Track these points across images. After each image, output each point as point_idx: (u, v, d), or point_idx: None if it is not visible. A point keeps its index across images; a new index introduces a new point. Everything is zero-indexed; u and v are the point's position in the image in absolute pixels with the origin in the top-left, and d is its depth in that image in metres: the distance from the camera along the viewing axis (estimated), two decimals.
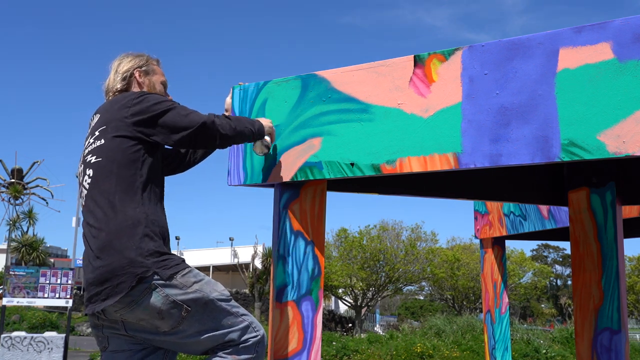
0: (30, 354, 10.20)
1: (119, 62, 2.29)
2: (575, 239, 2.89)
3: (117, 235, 1.94)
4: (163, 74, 2.38)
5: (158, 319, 1.95)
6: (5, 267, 11.55)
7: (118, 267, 1.91)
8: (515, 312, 45.15)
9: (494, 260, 4.58)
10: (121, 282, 1.91)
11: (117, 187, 1.99)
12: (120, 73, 2.25)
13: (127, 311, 1.94)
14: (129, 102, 2.06)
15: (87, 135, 2.22)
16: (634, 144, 1.71)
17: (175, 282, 1.96)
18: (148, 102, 2.06)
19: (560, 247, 61.29)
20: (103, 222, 1.97)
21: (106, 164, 2.02)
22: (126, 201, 1.99)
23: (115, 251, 1.93)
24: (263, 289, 27.06)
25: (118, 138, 2.03)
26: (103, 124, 2.09)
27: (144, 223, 1.98)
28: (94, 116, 2.20)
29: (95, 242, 1.97)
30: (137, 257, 1.93)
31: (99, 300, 1.95)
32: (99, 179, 2.02)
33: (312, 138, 2.27)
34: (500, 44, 1.96)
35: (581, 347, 2.82)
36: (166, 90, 2.37)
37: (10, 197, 36.66)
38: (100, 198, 2.00)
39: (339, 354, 13.56)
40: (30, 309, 21.38)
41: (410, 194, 2.80)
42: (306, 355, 2.27)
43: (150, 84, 2.29)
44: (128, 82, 2.25)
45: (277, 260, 2.32)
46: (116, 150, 2.02)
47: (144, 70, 2.29)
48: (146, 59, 2.32)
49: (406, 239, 28.87)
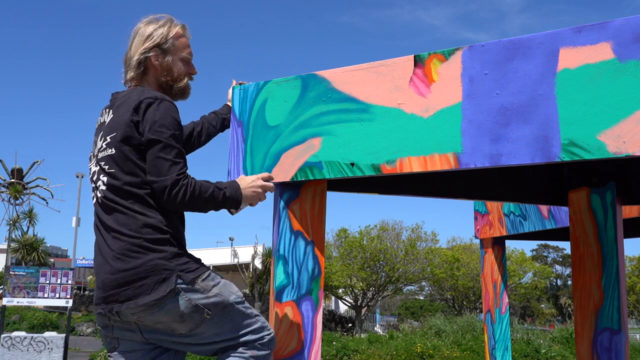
0: (30, 354, 10.20)
1: (139, 37, 2.15)
2: (575, 239, 2.89)
3: (140, 239, 1.92)
4: (187, 44, 2.24)
5: (178, 322, 1.94)
6: (5, 267, 11.55)
7: (142, 270, 1.90)
8: (515, 312, 45.14)
9: (494, 260, 4.58)
10: (144, 285, 1.89)
11: (136, 197, 1.97)
12: (136, 55, 2.13)
13: (148, 314, 1.92)
14: (137, 107, 1.99)
15: (98, 125, 2.15)
16: (634, 144, 1.71)
17: (197, 286, 1.95)
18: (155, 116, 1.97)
19: (560, 247, 61.31)
20: (125, 226, 1.94)
21: (119, 174, 1.98)
22: (147, 207, 1.97)
23: (138, 254, 1.91)
24: (263, 289, 27.05)
25: (127, 147, 1.98)
26: (114, 129, 2.02)
27: (164, 229, 1.97)
28: (108, 110, 2.13)
29: (116, 244, 1.94)
30: (160, 260, 1.91)
31: (117, 302, 1.92)
32: (114, 187, 1.99)
33: (312, 138, 2.27)
34: (500, 43, 1.96)
35: (581, 347, 2.82)
36: (189, 62, 2.25)
37: (10, 197, 36.67)
38: (119, 203, 1.97)
39: (339, 354, 13.56)
40: (30, 309, 21.38)
41: (410, 194, 2.80)
42: (306, 355, 2.27)
43: (167, 66, 2.17)
44: (145, 66, 2.15)
45: (277, 260, 2.32)
46: (128, 159, 1.98)
47: (162, 51, 2.16)
48: (167, 31, 2.17)
49: (406, 239, 28.86)
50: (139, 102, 1.98)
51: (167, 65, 2.17)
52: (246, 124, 2.44)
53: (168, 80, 2.20)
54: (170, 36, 2.17)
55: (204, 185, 2.00)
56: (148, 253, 1.92)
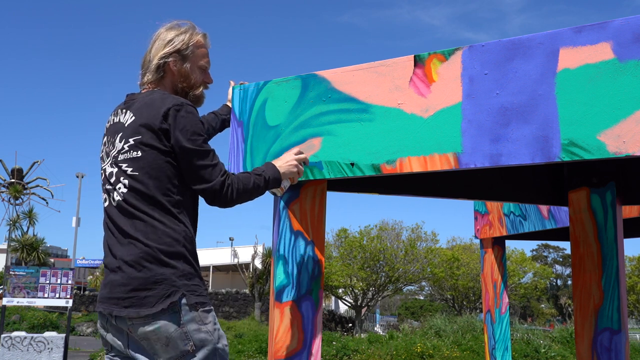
0: (30, 354, 10.20)
1: (160, 41, 2.16)
2: (575, 239, 2.89)
3: (155, 250, 1.90)
4: (206, 53, 2.25)
5: (162, 344, 1.90)
6: (5, 267, 11.55)
7: (150, 282, 1.88)
8: (515, 312, 45.15)
9: (494, 260, 4.58)
10: (148, 297, 1.88)
11: (158, 204, 1.95)
12: (156, 59, 2.13)
13: (141, 325, 1.90)
14: (165, 113, 1.97)
15: (112, 125, 2.12)
16: (634, 144, 1.71)
17: (195, 313, 1.92)
18: (185, 124, 1.97)
19: (560, 247, 61.32)
20: (142, 234, 1.93)
21: (144, 179, 1.96)
22: (167, 217, 1.95)
23: (151, 264, 1.90)
24: (263, 289, 27.06)
25: (154, 151, 1.96)
26: (138, 132, 2.00)
27: (182, 241, 1.95)
28: (124, 110, 2.09)
29: (130, 250, 1.92)
30: (171, 276, 1.90)
31: (121, 306, 1.91)
32: (138, 191, 1.96)
33: (312, 138, 2.27)
34: (500, 43, 1.96)
35: (581, 347, 2.82)
36: (206, 71, 2.25)
37: (10, 197, 36.66)
38: (140, 209, 1.95)
39: (339, 354, 13.56)
40: (30, 309, 21.38)
41: (410, 194, 2.80)
42: (306, 355, 2.27)
43: (184, 73, 2.17)
44: (164, 71, 2.15)
45: (277, 260, 2.32)
46: (154, 165, 1.96)
47: (181, 57, 2.16)
48: (188, 38, 2.18)
49: (406, 239, 28.87)
50: (167, 109, 1.97)
51: (185, 71, 2.18)
52: (246, 124, 2.44)
53: (184, 86, 2.19)
54: (191, 43, 2.18)
55: (245, 178, 2.05)
56: (160, 266, 1.90)
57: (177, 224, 1.96)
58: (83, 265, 44.12)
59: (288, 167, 2.17)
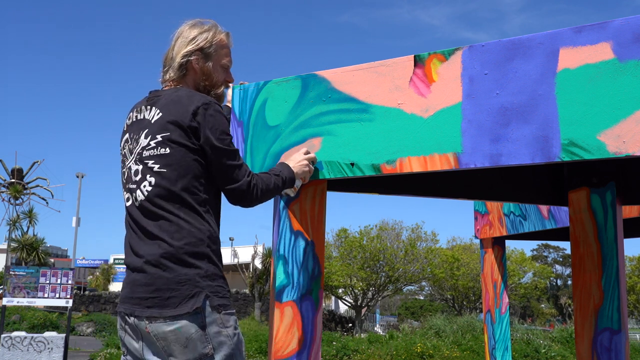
0: (30, 354, 10.20)
1: (182, 39, 2.15)
2: (575, 239, 2.89)
3: (180, 250, 1.88)
4: (228, 52, 2.24)
5: (180, 346, 1.86)
6: (5, 267, 11.55)
7: (174, 282, 1.86)
8: (515, 312, 45.16)
9: (494, 260, 4.58)
10: (172, 297, 1.86)
11: (184, 202, 1.93)
12: (178, 56, 2.12)
13: (161, 325, 1.87)
14: (195, 111, 1.95)
15: (135, 121, 2.09)
16: (634, 144, 1.71)
17: (218, 315, 1.90)
18: (214, 123, 1.96)
19: (560, 247, 61.36)
20: (167, 234, 1.90)
21: (171, 176, 1.94)
22: (192, 216, 1.93)
23: (175, 265, 1.88)
24: (263, 289, 27.07)
25: (182, 149, 1.95)
26: (165, 128, 1.97)
27: (206, 241, 1.93)
28: (148, 107, 2.07)
29: (154, 250, 1.90)
30: (194, 276, 1.88)
31: (143, 306, 1.89)
32: (164, 189, 1.94)
33: (312, 138, 2.27)
34: (500, 43, 1.96)
35: (581, 347, 2.82)
36: (228, 70, 2.24)
37: (10, 197, 36.68)
38: (165, 208, 1.93)
39: (339, 354, 13.57)
40: (30, 309, 21.37)
41: (410, 194, 2.80)
42: (306, 355, 2.27)
43: (207, 71, 2.17)
44: (186, 69, 2.14)
45: (277, 260, 2.32)
46: (182, 163, 1.94)
47: (204, 55, 2.15)
48: (212, 37, 2.17)
49: (406, 239, 28.89)
50: (197, 107, 1.97)
51: (208, 70, 2.17)
52: (246, 124, 2.44)
53: (206, 85, 2.19)
54: (214, 42, 2.18)
55: (266, 178, 2.09)
56: (184, 266, 1.88)
57: (202, 223, 1.94)
58: (83, 265, 44.14)
59: (300, 167, 2.19)
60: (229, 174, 1.99)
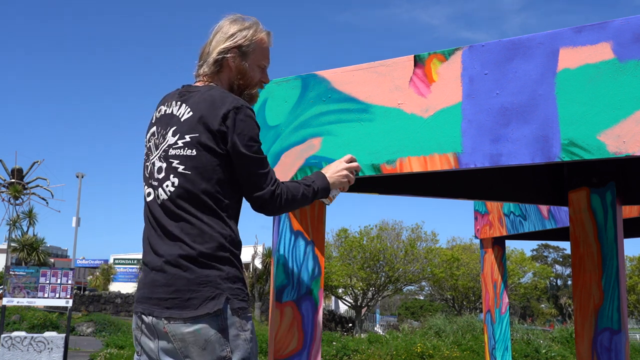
0: (30, 354, 10.20)
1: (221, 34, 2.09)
2: (575, 239, 2.89)
3: (202, 253, 1.86)
4: (267, 52, 2.17)
5: (198, 348, 1.83)
6: (5, 267, 11.55)
7: (195, 283, 1.84)
8: (515, 312, 45.17)
9: (494, 260, 4.58)
10: (192, 299, 1.83)
11: (206, 206, 1.90)
12: (215, 52, 2.07)
13: (180, 326, 1.84)
14: (225, 115, 1.91)
15: (163, 115, 2.05)
16: (634, 144, 1.71)
17: (236, 318, 1.87)
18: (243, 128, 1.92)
19: (560, 247, 61.36)
20: (189, 237, 1.87)
21: (195, 179, 1.90)
22: (215, 221, 1.90)
23: (196, 266, 1.85)
24: (263, 289, 27.07)
25: (209, 152, 1.91)
26: (194, 129, 1.93)
27: (228, 246, 1.91)
28: (179, 103, 2.03)
29: (174, 251, 1.87)
30: (216, 278, 1.85)
31: (163, 307, 1.86)
32: (187, 192, 1.91)
33: (312, 138, 2.27)
34: (500, 43, 1.96)
35: (581, 347, 2.82)
36: (265, 70, 2.18)
37: (10, 197, 36.69)
38: (188, 210, 1.90)
39: (339, 354, 13.57)
40: (30, 309, 21.37)
41: (410, 194, 2.80)
42: (306, 355, 2.27)
43: (242, 70, 2.10)
44: (221, 65, 2.08)
45: (277, 260, 2.32)
46: (207, 166, 1.91)
47: (241, 53, 2.09)
48: (251, 35, 2.11)
49: (406, 239, 28.90)
50: (228, 110, 1.92)
51: (243, 69, 2.11)
52: None
53: (240, 84, 2.12)
54: (253, 40, 2.11)
55: (294, 188, 2.02)
56: (206, 268, 1.86)
57: (224, 227, 1.91)
58: (83, 265, 44.16)
59: (338, 178, 2.13)
60: (254, 181, 1.95)
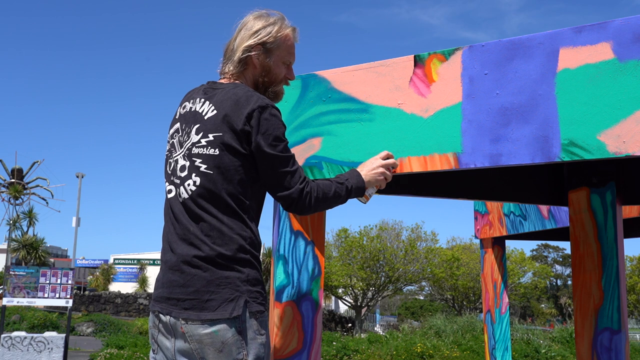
0: (30, 354, 10.20)
1: (245, 30, 2.05)
2: (575, 239, 2.89)
3: (221, 254, 1.84)
4: (293, 48, 2.12)
5: (215, 350, 1.82)
6: (5, 267, 11.56)
7: (214, 284, 1.82)
8: (515, 312, 45.18)
9: (494, 260, 4.58)
10: (210, 300, 1.81)
11: (228, 207, 1.88)
12: (239, 50, 2.03)
13: (198, 327, 1.82)
14: (249, 114, 1.88)
15: (186, 112, 2.02)
16: (634, 144, 1.71)
17: (253, 321, 1.85)
18: (267, 128, 1.88)
19: (560, 247, 61.37)
20: (209, 238, 1.86)
21: (217, 179, 1.88)
22: (235, 222, 1.88)
23: (215, 267, 1.83)
24: None
25: (232, 153, 1.88)
26: (218, 129, 1.90)
27: (248, 248, 1.89)
28: (203, 100, 2.00)
29: (195, 251, 1.85)
30: (235, 280, 1.83)
31: (181, 307, 1.85)
32: (208, 192, 1.88)
33: (312, 138, 2.27)
34: (500, 43, 1.96)
35: (581, 347, 2.82)
36: (290, 67, 2.14)
37: (10, 197, 36.71)
38: (208, 211, 1.88)
39: (339, 354, 13.56)
40: (30, 309, 21.38)
41: (410, 194, 2.80)
42: (306, 355, 2.27)
43: (267, 67, 2.06)
44: (245, 63, 2.05)
45: (277, 260, 2.32)
46: (230, 167, 1.88)
47: (265, 50, 2.05)
48: (276, 31, 2.05)
49: (406, 239, 28.91)
50: (252, 110, 1.88)
51: (268, 66, 2.07)
52: None
53: (266, 81, 2.09)
54: (278, 36, 2.07)
55: (325, 186, 1.97)
56: (225, 270, 1.84)
57: (244, 229, 1.89)
58: (83, 265, 44.15)
59: (373, 175, 2.07)
60: (281, 180, 1.91)
